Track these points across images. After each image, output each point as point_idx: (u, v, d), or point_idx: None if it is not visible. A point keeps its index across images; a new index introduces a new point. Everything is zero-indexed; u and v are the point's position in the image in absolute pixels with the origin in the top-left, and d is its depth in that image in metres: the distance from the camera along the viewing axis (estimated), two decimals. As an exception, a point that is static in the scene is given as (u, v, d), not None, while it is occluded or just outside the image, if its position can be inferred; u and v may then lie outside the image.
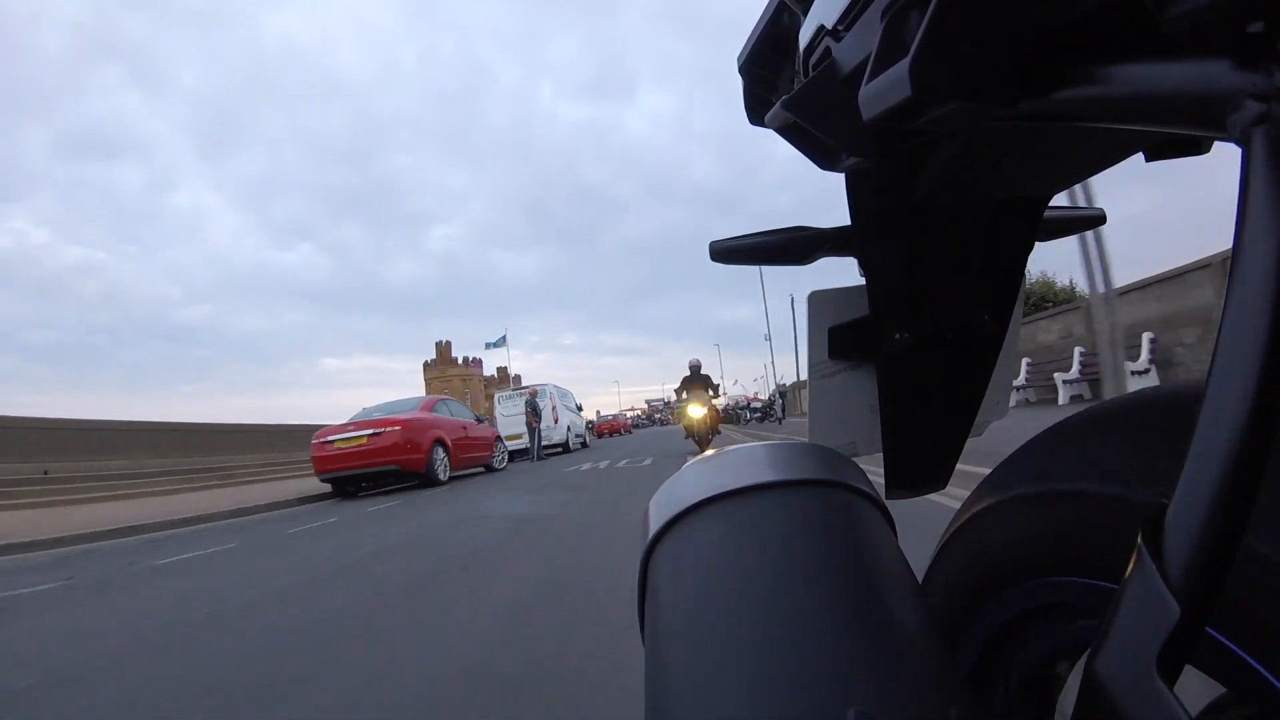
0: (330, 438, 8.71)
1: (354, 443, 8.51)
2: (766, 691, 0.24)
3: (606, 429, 32.54)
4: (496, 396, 17.68)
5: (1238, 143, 0.20)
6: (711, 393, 9.93)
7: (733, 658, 0.26)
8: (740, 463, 0.34)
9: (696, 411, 9.70)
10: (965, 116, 0.27)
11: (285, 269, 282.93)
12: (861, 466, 0.36)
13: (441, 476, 9.05)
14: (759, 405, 30.60)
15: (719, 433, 11.14)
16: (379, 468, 8.42)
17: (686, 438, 10.79)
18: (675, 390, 10.44)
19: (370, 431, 8.50)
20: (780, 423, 22.48)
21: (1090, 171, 0.42)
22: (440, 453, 9.14)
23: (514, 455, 13.79)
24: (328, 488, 9.13)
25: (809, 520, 0.31)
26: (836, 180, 0.47)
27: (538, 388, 16.25)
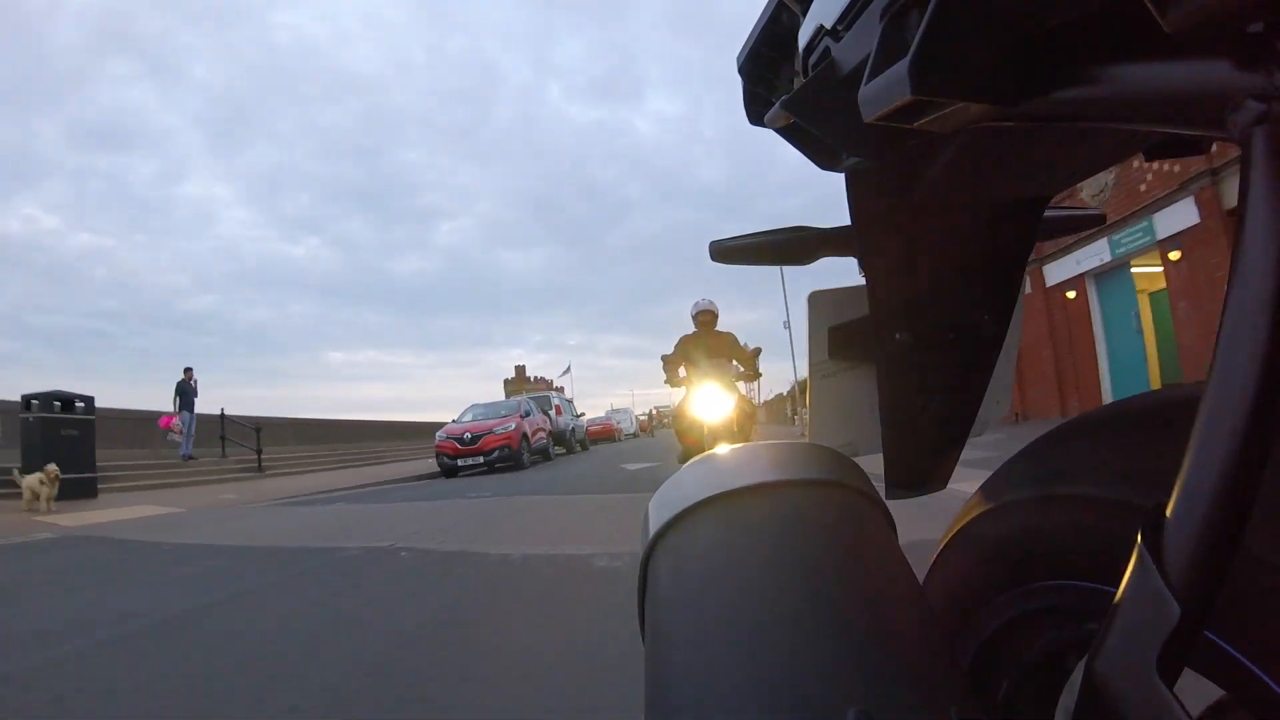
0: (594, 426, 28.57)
1: (596, 427, 28.34)
2: (766, 690, 0.24)
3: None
4: (609, 408, 35.35)
5: (1238, 143, 0.20)
6: (744, 369, 4.70)
7: (733, 656, 0.26)
8: (740, 462, 0.34)
9: (714, 410, 4.05)
10: (965, 116, 0.27)
11: (292, 262, 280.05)
12: (862, 466, 0.36)
13: (616, 439, 30.35)
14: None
15: None
16: (603, 438, 28.40)
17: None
18: (667, 361, 4.76)
19: (600, 425, 30.30)
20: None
21: (1090, 171, 0.42)
22: (615, 432, 31.75)
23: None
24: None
25: (809, 520, 0.31)
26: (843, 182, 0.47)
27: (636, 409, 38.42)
